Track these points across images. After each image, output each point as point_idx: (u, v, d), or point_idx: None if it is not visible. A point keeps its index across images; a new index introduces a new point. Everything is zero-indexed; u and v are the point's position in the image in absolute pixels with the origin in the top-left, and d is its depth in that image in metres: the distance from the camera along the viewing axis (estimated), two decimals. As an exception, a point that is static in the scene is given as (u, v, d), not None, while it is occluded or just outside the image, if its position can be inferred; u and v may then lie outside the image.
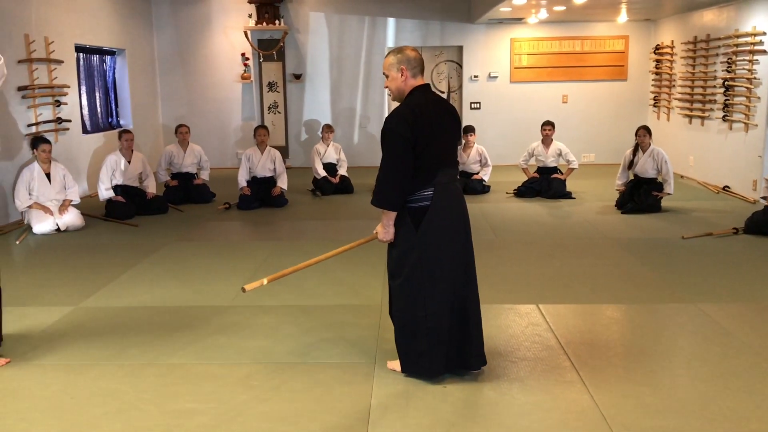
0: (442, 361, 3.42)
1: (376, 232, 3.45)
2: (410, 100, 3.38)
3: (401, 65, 3.37)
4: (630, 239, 6.56)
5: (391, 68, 3.40)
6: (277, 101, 11.77)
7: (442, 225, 3.35)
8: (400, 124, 3.27)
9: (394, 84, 3.41)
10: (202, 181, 8.89)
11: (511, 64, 11.84)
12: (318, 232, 7.19)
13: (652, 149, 7.91)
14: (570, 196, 8.70)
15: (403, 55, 3.38)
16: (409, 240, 3.36)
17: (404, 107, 3.35)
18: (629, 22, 11.58)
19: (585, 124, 11.92)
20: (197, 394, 3.36)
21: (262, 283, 3.44)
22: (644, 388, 3.37)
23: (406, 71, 3.37)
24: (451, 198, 3.41)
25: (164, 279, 5.37)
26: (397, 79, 3.39)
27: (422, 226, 3.33)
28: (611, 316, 4.51)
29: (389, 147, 3.30)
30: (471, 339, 3.45)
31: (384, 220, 3.37)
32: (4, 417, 3.16)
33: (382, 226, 3.40)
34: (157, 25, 11.74)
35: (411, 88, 3.40)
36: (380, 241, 3.45)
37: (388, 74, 3.43)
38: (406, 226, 3.36)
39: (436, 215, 3.33)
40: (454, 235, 3.39)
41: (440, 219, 3.34)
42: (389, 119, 3.33)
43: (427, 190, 3.33)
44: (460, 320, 3.43)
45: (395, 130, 3.27)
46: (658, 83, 11.37)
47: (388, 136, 3.30)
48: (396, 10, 11.67)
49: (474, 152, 9.28)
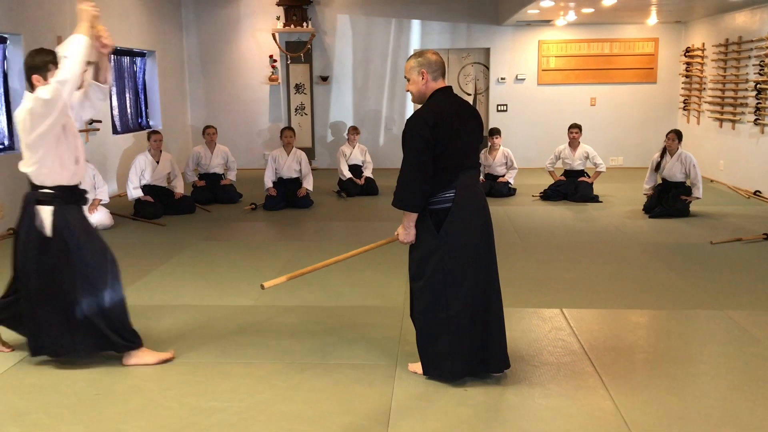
0: (464, 364, 3.41)
1: (397, 233, 3.46)
2: (431, 103, 3.40)
3: (422, 68, 3.40)
4: (657, 244, 6.48)
5: (412, 71, 3.43)
6: (304, 103, 11.84)
7: (463, 227, 3.35)
8: (420, 125, 3.30)
9: (416, 87, 3.44)
10: (229, 182, 8.98)
11: (538, 67, 11.77)
12: (343, 234, 7.22)
13: (680, 153, 7.80)
14: (597, 200, 8.62)
15: (424, 58, 3.41)
16: (430, 242, 3.36)
17: (425, 109, 3.38)
18: (659, 24, 11.45)
19: (613, 127, 11.81)
20: (220, 392, 3.40)
21: (282, 281, 3.49)
22: (668, 395, 3.33)
23: (427, 74, 3.41)
24: (473, 199, 3.41)
25: (190, 278, 5.43)
26: (419, 82, 3.42)
27: (444, 227, 3.33)
28: (636, 321, 4.46)
29: (410, 148, 3.32)
30: (493, 341, 3.44)
31: (405, 221, 3.39)
32: (31, 412, 3.22)
33: (403, 227, 3.41)
34: (187, 27, 11.88)
35: (432, 90, 3.43)
36: (401, 242, 3.46)
37: (409, 78, 3.46)
38: (427, 228, 3.37)
39: (457, 217, 3.33)
40: (475, 237, 3.39)
41: (462, 221, 3.34)
42: (410, 121, 3.37)
43: (449, 192, 3.34)
44: (482, 323, 3.42)
45: (415, 132, 3.30)
46: (688, 86, 11.22)
47: (409, 137, 3.32)
48: (423, 12, 11.67)
49: (500, 154, 9.24)
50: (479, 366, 3.46)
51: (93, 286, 3.58)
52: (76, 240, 3.55)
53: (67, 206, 3.58)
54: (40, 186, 3.57)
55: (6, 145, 7.38)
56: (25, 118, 3.49)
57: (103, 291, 3.60)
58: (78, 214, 3.64)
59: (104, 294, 3.61)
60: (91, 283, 3.57)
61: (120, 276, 3.74)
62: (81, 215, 3.67)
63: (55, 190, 3.56)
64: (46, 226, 3.53)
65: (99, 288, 3.59)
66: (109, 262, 3.67)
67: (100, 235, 3.76)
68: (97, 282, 3.59)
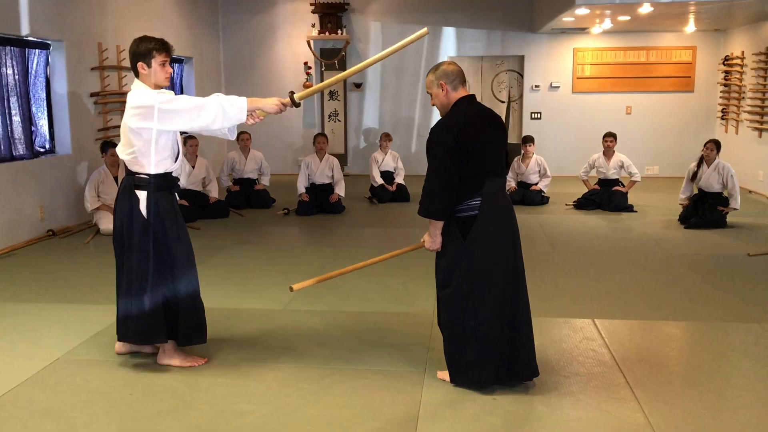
0: (492, 372, 3.40)
1: (423, 240, 3.49)
2: (455, 112, 3.43)
3: (440, 81, 3.43)
4: (693, 255, 6.37)
5: (432, 86, 3.47)
6: (338, 109, 11.92)
7: (490, 234, 3.35)
8: (444, 134, 3.33)
9: (438, 100, 3.47)
10: (262, 187, 9.07)
11: (573, 74, 11.69)
12: (374, 239, 7.24)
13: (717, 163, 7.68)
14: (631, 209, 8.52)
15: (441, 71, 3.45)
16: (457, 250, 3.37)
17: (449, 117, 3.42)
18: (697, 33, 11.29)
19: (649, 136, 11.66)
20: (249, 394, 3.44)
21: (310, 284, 3.57)
22: (702, 410, 3.27)
23: (446, 85, 3.43)
24: (499, 207, 3.42)
25: (222, 281, 5.50)
26: (440, 95, 3.45)
27: (470, 235, 3.34)
28: (670, 333, 4.40)
29: (434, 157, 3.36)
30: (521, 349, 3.42)
31: (431, 229, 3.42)
32: (65, 410, 3.29)
33: (429, 234, 3.43)
34: (224, 34, 12.06)
35: (455, 100, 3.45)
36: (427, 249, 3.48)
37: (430, 92, 3.50)
38: (454, 236, 3.38)
39: (484, 224, 3.34)
40: (502, 244, 3.39)
41: (488, 228, 3.35)
42: (434, 130, 3.40)
43: (475, 200, 3.35)
44: (510, 331, 3.41)
45: (440, 140, 3.33)
46: (727, 95, 11.03)
47: (434, 146, 3.36)
48: (457, 19, 11.67)
49: (533, 162, 9.18)
50: (507, 374, 3.44)
51: (172, 274, 3.65)
52: (162, 226, 3.61)
53: (159, 192, 3.63)
54: (135, 172, 3.63)
55: (48, 149, 7.57)
56: (136, 111, 3.52)
57: (180, 280, 3.66)
58: (168, 200, 3.68)
59: (180, 283, 3.67)
60: (173, 272, 3.64)
61: (196, 269, 3.79)
62: (171, 202, 3.70)
63: (148, 176, 3.61)
64: (141, 211, 3.59)
65: (178, 277, 3.66)
66: (190, 253, 3.73)
67: (185, 225, 3.80)
68: (178, 270, 3.65)
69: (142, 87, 3.60)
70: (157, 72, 3.61)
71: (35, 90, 7.38)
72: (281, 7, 11.90)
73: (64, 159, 7.59)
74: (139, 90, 3.59)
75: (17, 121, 7.09)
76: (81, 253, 6.51)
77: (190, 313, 3.73)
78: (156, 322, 3.63)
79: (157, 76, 3.61)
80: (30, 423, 3.16)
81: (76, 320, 4.52)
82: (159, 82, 3.63)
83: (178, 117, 3.50)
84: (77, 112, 7.74)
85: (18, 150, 7.08)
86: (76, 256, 6.40)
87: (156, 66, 3.60)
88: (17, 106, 7.07)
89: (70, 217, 7.61)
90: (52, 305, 4.89)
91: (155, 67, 3.60)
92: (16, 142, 7.05)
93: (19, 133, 7.11)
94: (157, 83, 3.62)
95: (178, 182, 3.86)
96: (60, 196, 7.46)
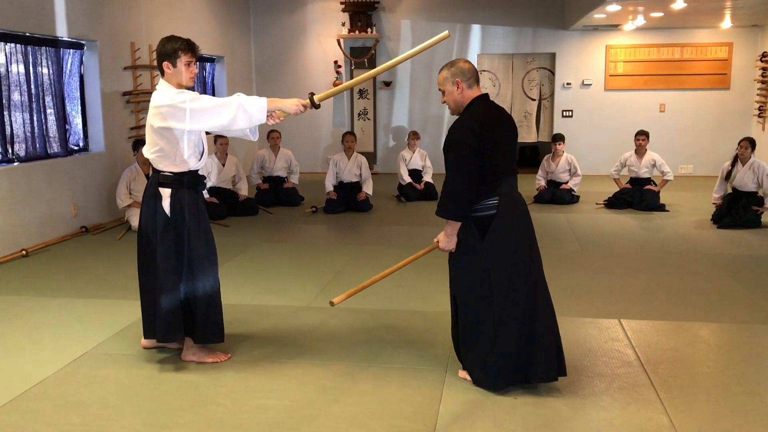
0: (508, 373, 3.37)
1: (437, 240, 3.46)
2: (472, 111, 3.40)
3: (456, 78, 3.39)
4: (725, 255, 6.25)
5: (446, 83, 3.42)
6: (367, 108, 11.94)
7: (508, 234, 3.34)
8: (466, 134, 3.29)
9: (451, 98, 3.43)
10: (291, 185, 9.12)
11: (605, 72, 11.54)
12: (401, 238, 7.23)
13: (752, 162, 7.51)
14: (663, 209, 8.37)
15: (456, 68, 3.40)
16: (474, 249, 3.36)
17: (467, 117, 3.37)
18: (733, 28, 11.05)
19: (683, 134, 11.46)
20: (270, 390, 3.47)
21: (348, 296, 3.70)
22: (727, 413, 3.21)
23: (462, 83, 3.39)
24: (515, 206, 3.41)
25: (250, 278, 5.55)
26: (454, 92, 3.41)
27: (489, 234, 3.32)
28: (698, 334, 4.32)
29: (456, 157, 3.32)
30: (539, 349, 3.37)
31: (448, 229, 3.38)
32: (91, 403, 3.35)
33: (445, 234, 3.40)
34: (255, 33, 12.16)
35: (469, 99, 3.42)
36: (441, 250, 3.45)
37: (443, 89, 3.44)
38: (472, 235, 3.36)
39: (502, 224, 3.32)
40: (520, 243, 3.36)
41: (506, 227, 3.33)
42: (453, 130, 3.36)
43: (492, 199, 3.34)
44: (528, 330, 3.37)
45: (461, 140, 3.30)
46: (764, 92, 10.79)
47: (455, 146, 3.32)
48: (487, 17, 11.60)
49: (563, 161, 9.09)
50: (525, 376, 3.40)
51: (192, 272, 3.69)
52: (184, 224, 3.65)
53: (183, 190, 3.68)
54: (160, 170, 3.68)
55: (81, 147, 7.72)
56: (159, 111, 3.57)
57: (201, 279, 3.71)
58: (192, 199, 3.71)
59: (200, 281, 3.71)
60: (192, 270, 3.69)
61: (217, 268, 3.83)
62: (196, 200, 3.73)
63: (173, 174, 3.66)
64: (164, 208, 3.65)
65: (197, 275, 3.70)
66: (211, 252, 3.77)
67: (209, 224, 3.84)
68: (197, 268, 3.69)
69: (165, 86, 3.65)
70: (182, 72, 3.65)
71: (70, 89, 7.53)
72: (312, 6, 11.95)
73: (97, 157, 7.73)
74: (162, 89, 3.64)
75: (52, 119, 7.24)
76: (113, 250, 6.62)
77: (208, 312, 3.76)
78: (174, 320, 3.67)
79: (182, 76, 3.66)
80: (57, 415, 3.23)
81: (104, 315, 4.61)
82: (183, 82, 3.67)
83: (203, 115, 3.54)
84: (110, 110, 7.88)
85: (53, 148, 7.23)
86: (108, 252, 6.52)
87: (181, 66, 3.65)
88: (52, 105, 7.22)
89: (103, 214, 7.75)
90: (83, 300, 4.98)
91: (180, 66, 3.64)
92: (50, 141, 7.21)
93: (54, 132, 7.27)
94: (181, 83, 3.67)
95: (204, 180, 3.90)
96: (93, 194, 7.60)
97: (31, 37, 6.76)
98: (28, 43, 6.77)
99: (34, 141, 6.96)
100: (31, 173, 6.68)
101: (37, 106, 6.96)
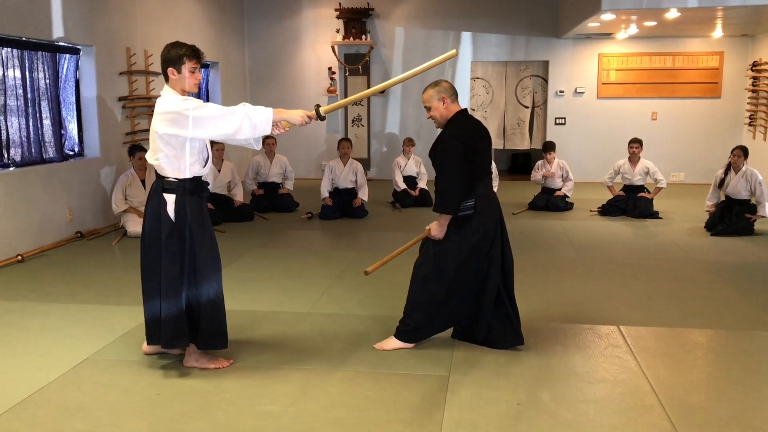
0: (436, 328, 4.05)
1: (429, 228, 3.93)
2: (457, 122, 3.91)
3: (441, 95, 3.91)
4: (719, 262, 6.30)
5: (432, 100, 3.93)
6: (361, 114, 11.97)
7: (480, 227, 3.89)
8: (456, 141, 3.82)
9: (438, 112, 3.94)
10: (286, 191, 9.13)
11: (598, 80, 11.63)
12: (396, 244, 7.15)
13: (745, 170, 7.59)
14: (657, 216, 8.44)
15: (441, 87, 3.95)
16: (448, 236, 3.89)
17: (454, 127, 3.89)
18: (725, 38, 11.18)
19: (675, 142, 11.56)
20: (274, 396, 3.47)
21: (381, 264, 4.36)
22: (726, 417, 3.24)
23: (447, 99, 3.91)
24: (490, 205, 3.95)
25: (246, 284, 5.55)
26: (440, 107, 3.92)
27: (464, 228, 3.88)
28: (696, 340, 4.35)
29: (450, 159, 3.80)
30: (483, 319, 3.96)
31: (441, 220, 3.88)
32: (95, 409, 3.34)
33: (438, 224, 3.88)
34: (250, 39, 12.17)
35: (453, 113, 3.93)
36: (432, 237, 3.92)
37: (429, 105, 3.94)
38: (450, 229, 3.88)
39: (476, 219, 3.88)
40: (489, 233, 3.92)
41: (480, 222, 3.89)
42: (445, 139, 3.86)
43: (470, 201, 3.86)
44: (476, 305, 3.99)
45: (453, 146, 3.81)
46: (755, 101, 10.91)
47: (448, 151, 3.82)
48: (481, 25, 11.67)
49: (555, 166, 9.13)
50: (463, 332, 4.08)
51: (196, 278, 3.69)
52: (189, 230, 3.64)
53: (187, 196, 3.67)
54: (164, 176, 3.68)
55: (76, 152, 7.69)
56: (164, 117, 3.56)
57: (205, 285, 3.70)
58: (196, 205, 3.69)
59: (204, 288, 3.70)
60: (196, 276, 3.68)
61: (221, 274, 3.82)
62: (200, 206, 3.72)
63: (177, 180, 3.65)
64: (169, 214, 3.63)
65: (201, 281, 3.69)
66: (215, 258, 3.77)
67: (212, 230, 3.83)
68: (201, 274, 3.69)
69: (170, 93, 3.65)
70: (187, 78, 3.65)
71: (65, 94, 7.51)
72: (306, 13, 11.98)
73: (93, 162, 7.71)
74: (167, 96, 3.64)
75: (48, 124, 7.22)
76: (108, 255, 6.60)
77: (212, 319, 3.75)
78: (179, 326, 3.67)
79: (187, 82, 3.66)
80: (59, 422, 3.21)
81: (103, 321, 4.59)
82: (188, 88, 3.67)
83: (208, 123, 3.54)
84: (105, 116, 7.87)
85: (48, 153, 7.21)
86: (103, 257, 6.50)
87: (186, 72, 3.65)
88: (48, 109, 7.20)
89: (98, 220, 7.73)
90: (80, 306, 4.96)
91: (185, 73, 3.65)
92: (46, 145, 7.18)
93: (50, 137, 7.25)
94: (185, 89, 3.67)
95: (207, 186, 3.90)
96: (88, 199, 7.58)
97: (27, 42, 6.75)
98: (24, 47, 6.75)
99: (30, 146, 6.93)
100: (26, 178, 6.66)
101: (32, 111, 6.94)
